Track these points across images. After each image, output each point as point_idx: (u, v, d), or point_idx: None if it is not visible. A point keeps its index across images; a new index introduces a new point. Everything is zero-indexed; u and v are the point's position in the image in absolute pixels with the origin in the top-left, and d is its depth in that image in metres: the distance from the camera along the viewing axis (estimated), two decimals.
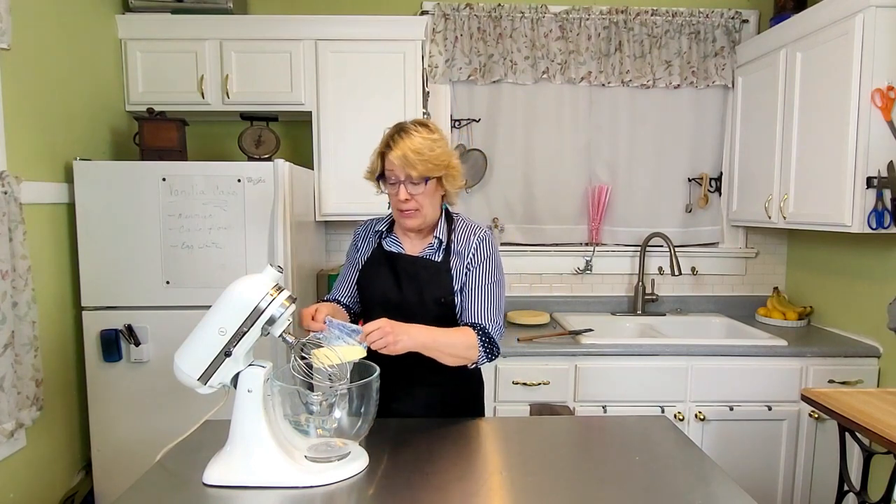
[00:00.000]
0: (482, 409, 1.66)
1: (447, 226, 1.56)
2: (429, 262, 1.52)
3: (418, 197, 1.45)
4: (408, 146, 1.40)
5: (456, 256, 1.52)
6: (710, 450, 2.35)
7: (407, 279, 1.52)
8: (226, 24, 2.51)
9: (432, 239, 1.54)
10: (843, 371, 2.34)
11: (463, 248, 1.53)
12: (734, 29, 2.84)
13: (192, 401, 1.44)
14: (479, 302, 1.49)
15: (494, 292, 1.52)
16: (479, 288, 1.50)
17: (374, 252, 1.59)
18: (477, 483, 1.17)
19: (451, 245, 1.53)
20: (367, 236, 1.64)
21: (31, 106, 1.99)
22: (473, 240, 1.53)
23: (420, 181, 1.43)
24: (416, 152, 1.40)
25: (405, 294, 1.51)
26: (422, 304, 1.50)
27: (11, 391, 1.77)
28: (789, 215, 2.43)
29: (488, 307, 1.49)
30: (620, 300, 2.99)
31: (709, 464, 1.26)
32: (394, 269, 1.54)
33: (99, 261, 2.15)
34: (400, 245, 1.57)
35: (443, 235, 1.53)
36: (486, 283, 1.51)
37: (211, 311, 1.17)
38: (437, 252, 1.53)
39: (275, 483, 1.14)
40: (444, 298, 1.50)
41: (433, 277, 1.50)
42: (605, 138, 2.93)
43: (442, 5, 2.78)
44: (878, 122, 2.06)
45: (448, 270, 1.51)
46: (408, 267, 1.53)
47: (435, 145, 1.43)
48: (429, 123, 1.49)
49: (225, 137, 2.81)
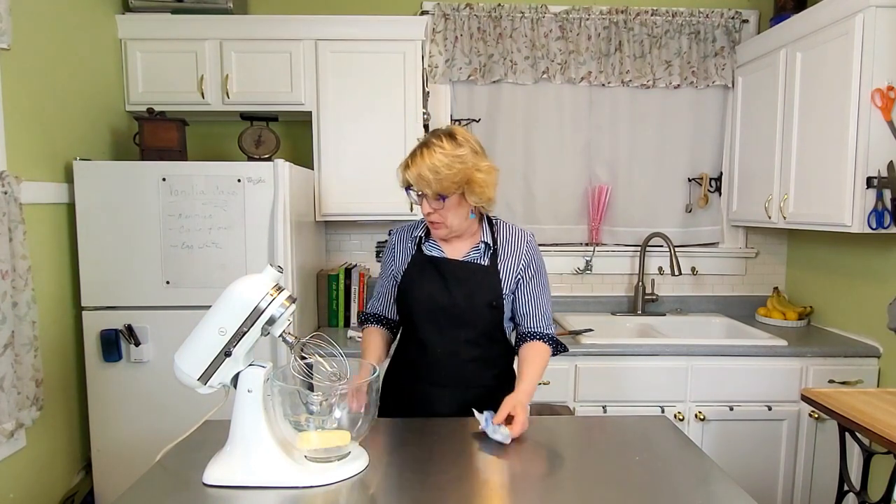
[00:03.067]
0: None
1: (490, 229, 1.56)
2: (477, 266, 1.52)
3: (440, 211, 1.44)
4: (425, 164, 1.37)
5: (504, 259, 1.53)
6: (710, 450, 2.35)
7: (455, 283, 1.51)
8: (226, 24, 2.51)
9: (477, 243, 1.54)
10: (843, 371, 2.34)
11: (512, 252, 1.55)
12: (734, 29, 2.84)
13: (192, 401, 1.44)
14: (539, 309, 1.57)
15: (547, 297, 1.60)
16: (537, 295, 1.57)
17: (414, 257, 1.57)
18: (477, 483, 1.17)
19: (497, 248, 1.54)
20: (404, 243, 1.61)
21: (31, 106, 1.99)
22: (523, 245, 1.56)
23: (438, 198, 1.41)
24: (433, 171, 1.37)
25: (455, 298, 1.50)
26: (472, 308, 1.50)
27: (11, 391, 1.77)
28: (789, 215, 2.43)
29: (546, 313, 1.58)
30: (620, 300, 2.99)
31: (709, 464, 1.26)
32: (440, 273, 1.52)
33: (99, 261, 2.15)
34: (440, 249, 1.55)
35: (489, 239, 1.54)
36: (540, 290, 1.57)
37: (211, 311, 1.17)
38: (483, 256, 1.53)
39: (275, 483, 1.14)
40: (496, 302, 1.51)
41: (483, 281, 1.51)
42: (605, 138, 2.93)
43: (442, 5, 2.78)
44: (878, 122, 2.06)
45: (496, 274, 1.52)
46: (456, 271, 1.52)
47: (455, 161, 1.38)
48: (457, 135, 1.43)
49: (225, 137, 2.81)
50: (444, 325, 1.51)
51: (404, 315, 1.60)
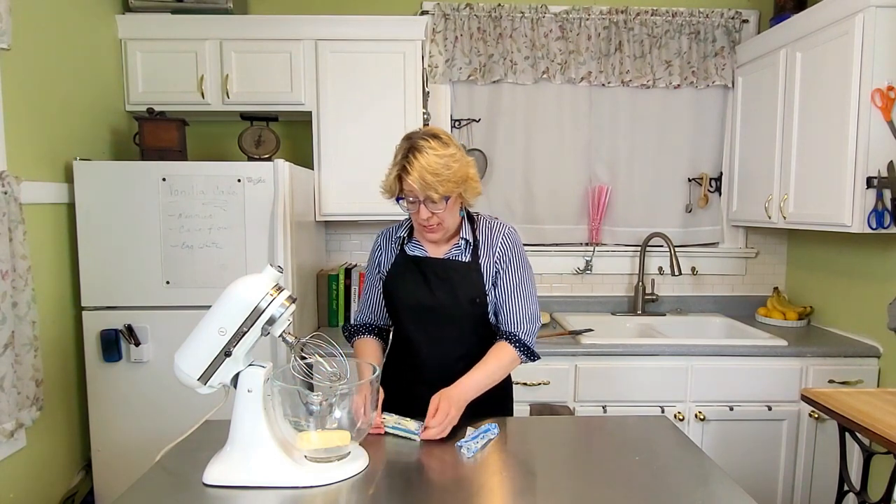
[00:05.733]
0: (511, 409, 1.67)
1: (470, 225, 1.55)
2: (459, 263, 1.51)
3: (440, 214, 1.43)
4: (424, 168, 1.35)
5: (484, 255, 1.52)
6: (710, 450, 2.35)
7: (437, 281, 1.51)
8: (226, 24, 2.51)
9: (457, 240, 1.53)
10: (843, 371, 2.34)
11: (491, 246, 1.53)
12: (734, 29, 2.84)
13: (192, 401, 1.44)
14: (511, 309, 1.51)
15: (524, 293, 1.53)
16: (509, 293, 1.52)
17: (397, 258, 1.57)
18: (477, 483, 1.17)
19: (477, 244, 1.53)
20: (387, 245, 1.61)
21: (31, 106, 1.99)
22: (499, 239, 1.53)
23: (441, 200, 1.40)
24: (434, 174, 1.35)
25: (437, 296, 1.50)
26: (456, 305, 1.49)
27: (11, 391, 1.77)
28: (789, 215, 2.43)
29: (520, 313, 1.51)
30: (620, 300, 2.99)
31: (709, 464, 1.26)
32: (422, 272, 1.52)
33: (99, 261, 2.15)
34: (423, 249, 1.56)
35: (469, 235, 1.53)
36: (514, 286, 1.52)
37: (211, 311, 1.17)
38: (464, 252, 1.52)
39: (275, 483, 1.14)
40: (479, 298, 1.50)
41: (465, 278, 1.50)
42: (605, 138, 2.93)
43: (442, 5, 2.78)
44: (878, 122, 2.06)
45: (478, 270, 1.51)
46: (437, 269, 1.51)
47: (451, 161, 1.38)
48: (441, 135, 1.42)
49: (225, 137, 2.81)
50: (429, 324, 1.50)
51: (393, 317, 1.61)
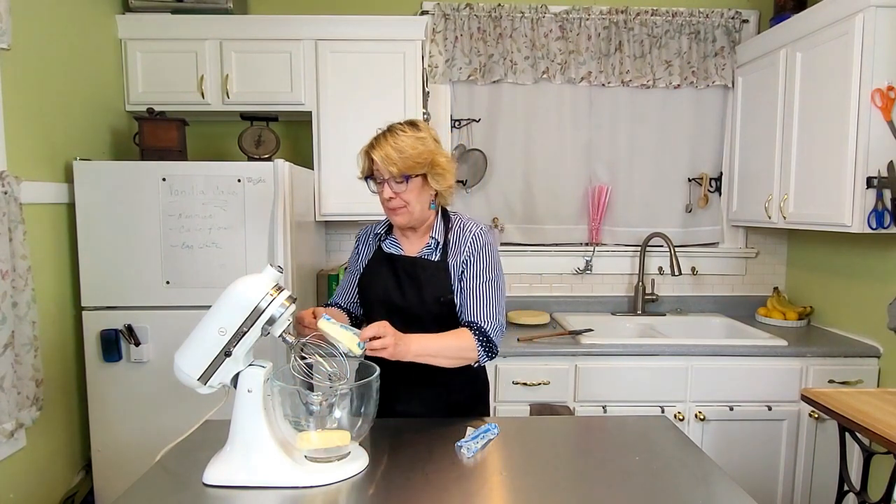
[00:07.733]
0: (487, 409, 1.66)
1: (444, 225, 1.56)
2: (427, 262, 1.53)
3: (403, 195, 1.45)
4: (389, 145, 1.42)
5: (453, 255, 1.53)
6: (710, 450, 2.35)
7: (407, 280, 1.52)
8: (226, 24, 2.51)
9: (429, 239, 1.54)
10: (843, 371, 2.34)
11: (460, 246, 1.53)
12: (734, 29, 2.84)
13: (192, 401, 1.44)
14: (475, 300, 1.49)
15: (490, 289, 1.50)
16: (475, 286, 1.50)
17: (374, 254, 1.61)
18: (477, 483, 1.17)
19: (447, 244, 1.54)
20: (367, 240, 1.66)
21: (31, 106, 1.99)
22: (468, 237, 1.53)
23: (402, 179, 1.43)
24: (396, 150, 1.41)
25: (406, 295, 1.51)
26: (422, 304, 1.50)
27: (11, 391, 1.77)
28: (789, 215, 2.43)
29: (484, 305, 1.48)
30: (620, 300, 2.99)
31: (709, 464, 1.26)
32: (394, 271, 1.55)
33: (99, 261, 2.15)
34: (399, 246, 1.58)
35: (439, 235, 1.54)
36: (480, 280, 1.50)
37: (211, 311, 1.17)
38: (434, 252, 1.53)
39: (275, 483, 1.14)
40: (444, 297, 1.50)
41: (432, 277, 1.51)
42: (605, 138, 2.93)
43: (442, 5, 2.78)
44: (878, 123, 2.06)
45: (446, 269, 1.51)
46: (407, 267, 1.53)
47: (418, 143, 1.44)
48: (418, 123, 1.50)
49: (225, 137, 2.81)
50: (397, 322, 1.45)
51: (365, 313, 1.64)
